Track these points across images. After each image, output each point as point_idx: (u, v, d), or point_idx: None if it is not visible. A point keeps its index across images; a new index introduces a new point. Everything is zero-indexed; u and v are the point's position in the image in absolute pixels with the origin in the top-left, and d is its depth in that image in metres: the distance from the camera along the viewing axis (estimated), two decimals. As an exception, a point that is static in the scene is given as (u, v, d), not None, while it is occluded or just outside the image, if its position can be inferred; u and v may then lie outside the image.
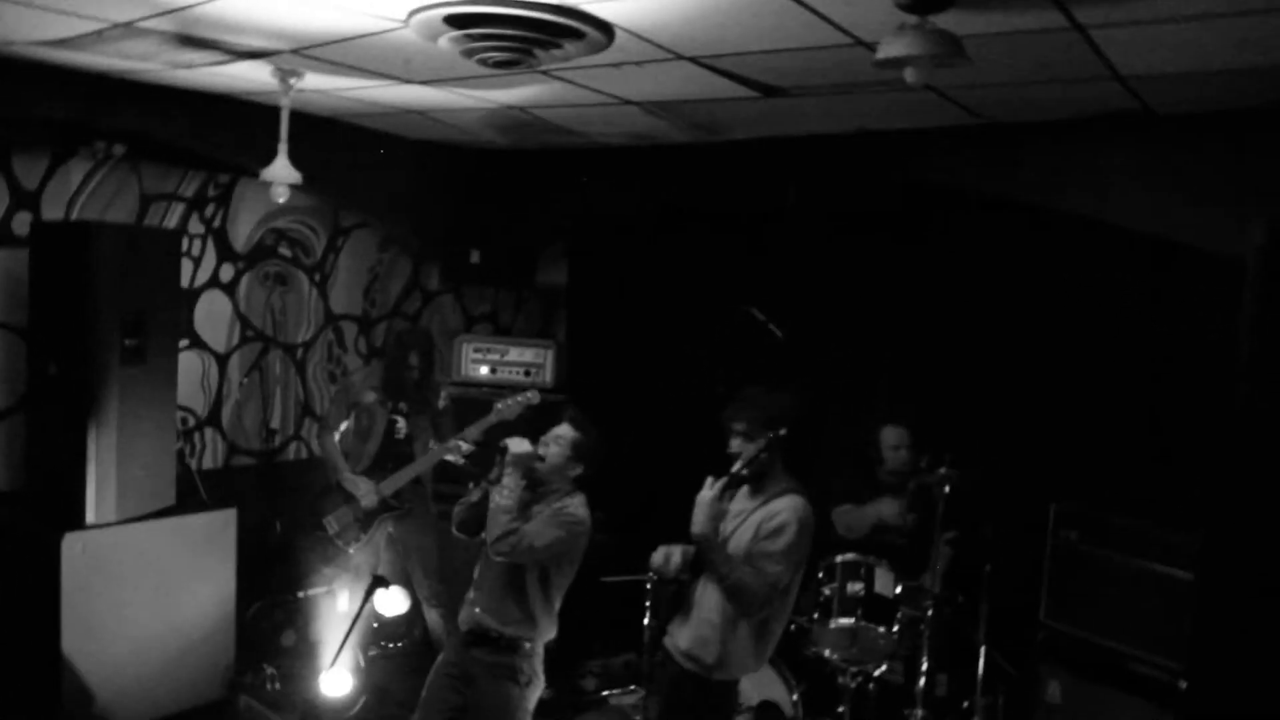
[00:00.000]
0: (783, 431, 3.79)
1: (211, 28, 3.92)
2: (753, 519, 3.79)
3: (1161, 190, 4.62)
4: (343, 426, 5.93)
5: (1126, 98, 4.28)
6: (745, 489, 3.86)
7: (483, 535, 4.23)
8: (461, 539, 4.41)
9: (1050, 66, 3.88)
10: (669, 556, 3.88)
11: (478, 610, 4.17)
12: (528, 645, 4.15)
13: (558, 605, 4.22)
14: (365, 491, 5.68)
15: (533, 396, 5.21)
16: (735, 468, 3.79)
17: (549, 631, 4.23)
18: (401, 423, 5.87)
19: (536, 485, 4.16)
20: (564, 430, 4.17)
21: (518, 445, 4.08)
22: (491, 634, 4.13)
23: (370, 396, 5.88)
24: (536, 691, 4.22)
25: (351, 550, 5.76)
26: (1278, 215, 3.26)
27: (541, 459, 4.13)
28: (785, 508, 3.73)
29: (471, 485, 4.35)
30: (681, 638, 3.86)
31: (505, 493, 4.02)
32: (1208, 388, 4.94)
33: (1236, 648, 4.10)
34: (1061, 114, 4.71)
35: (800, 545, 3.71)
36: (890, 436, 5.58)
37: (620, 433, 4.49)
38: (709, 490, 3.73)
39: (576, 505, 4.14)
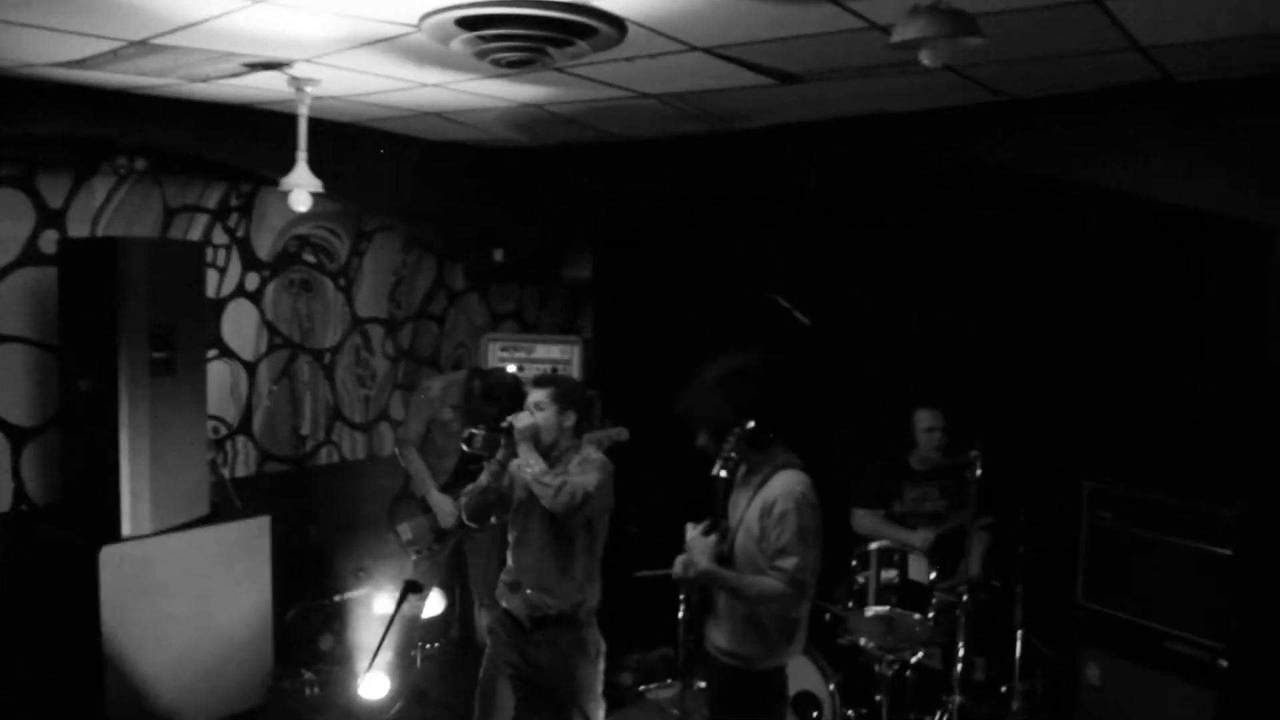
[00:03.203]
0: (749, 425, 3.63)
1: (224, 41, 3.93)
2: (757, 501, 3.69)
3: (1189, 160, 4.54)
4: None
5: (1148, 67, 4.21)
6: (740, 471, 3.79)
7: (493, 521, 4.41)
8: (472, 529, 4.45)
9: (1069, 40, 3.83)
10: (688, 565, 3.78)
11: (529, 592, 4.24)
12: (583, 615, 4.26)
13: (599, 561, 4.34)
14: (448, 512, 5.69)
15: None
16: (714, 473, 3.66)
17: (596, 593, 4.33)
18: (477, 437, 5.82)
19: (547, 454, 4.24)
20: (537, 394, 4.28)
21: (520, 420, 4.21)
22: (550, 612, 4.22)
23: (448, 414, 5.88)
24: (603, 661, 4.34)
25: (414, 558, 5.82)
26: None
27: (538, 427, 4.24)
28: (780, 493, 3.61)
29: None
30: (719, 637, 3.84)
31: (531, 461, 4.13)
32: (1241, 358, 4.90)
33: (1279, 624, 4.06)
34: (1083, 87, 4.65)
35: (808, 524, 3.60)
36: (924, 419, 5.55)
37: (650, 426, 4.49)
38: (694, 531, 3.68)
39: (591, 452, 4.29)
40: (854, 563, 5.08)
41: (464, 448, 4.39)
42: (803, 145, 5.78)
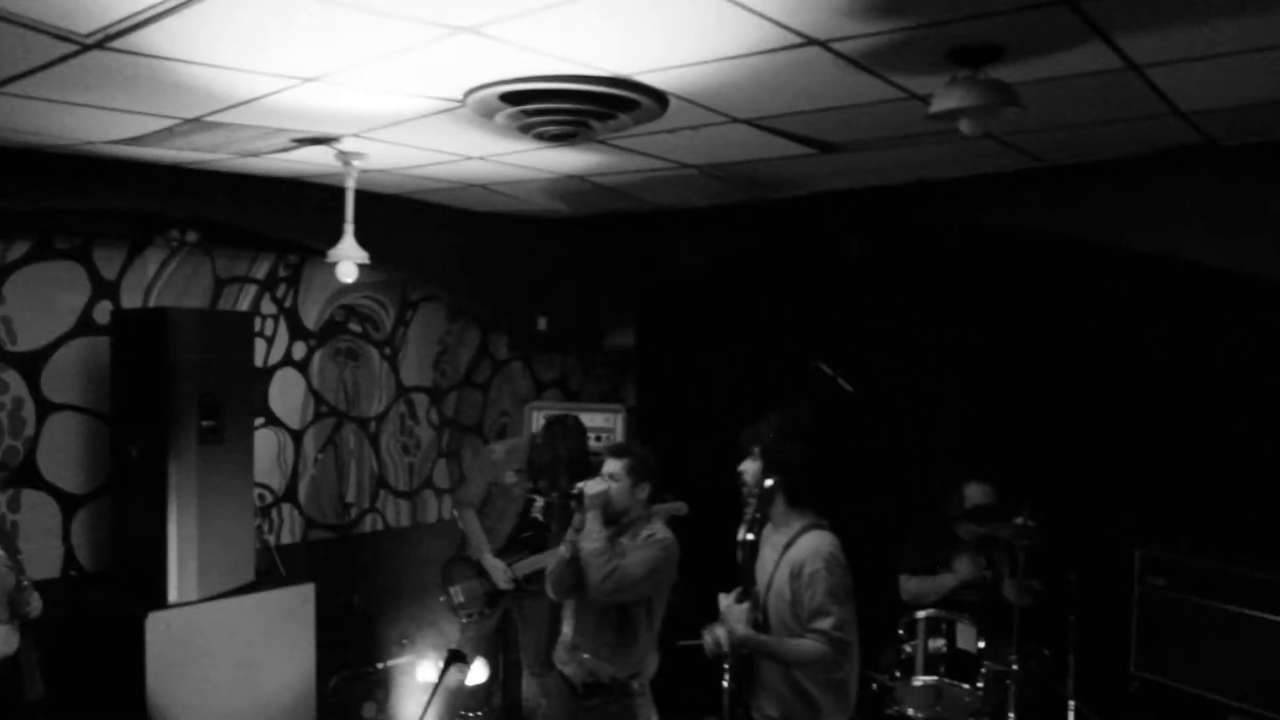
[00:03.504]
0: (777, 480, 3.72)
1: (274, 117, 4.03)
2: (784, 563, 3.73)
3: (1231, 222, 4.53)
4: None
5: (1188, 132, 4.22)
6: (768, 527, 3.82)
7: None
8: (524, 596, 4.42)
9: (1109, 107, 3.84)
10: (716, 639, 3.81)
11: (586, 657, 4.23)
12: (637, 685, 4.23)
13: (658, 633, 4.31)
14: (501, 575, 5.70)
15: None
16: (740, 538, 3.74)
17: (653, 664, 4.31)
18: (539, 502, 5.85)
19: (616, 520, 4.23)
20: (613, 464, 4.27)
21: (592, 487, 4.20)
22: (604, 680, 4.20)
23: (511, 477, 5.87)
24: None
25: (463, 621, 5.80)
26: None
27: (610, 495, 4.23)
28: (808, 554, 3.66)
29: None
30: (768, 706, 3.81)
31: (592, 536, 4.13)
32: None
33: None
34: (1123, 152, 4.66)
35: (838, 582, 3.64)
36: (975, 493, 5.45)
37: (693, 494, 4.48)
38: (728, 598, 3.72)
39: (659, 527, 4.26)
40: (901, 632, 5.01)
41: (536, 516, 4.39)
42: (844, 213, 5.81)
